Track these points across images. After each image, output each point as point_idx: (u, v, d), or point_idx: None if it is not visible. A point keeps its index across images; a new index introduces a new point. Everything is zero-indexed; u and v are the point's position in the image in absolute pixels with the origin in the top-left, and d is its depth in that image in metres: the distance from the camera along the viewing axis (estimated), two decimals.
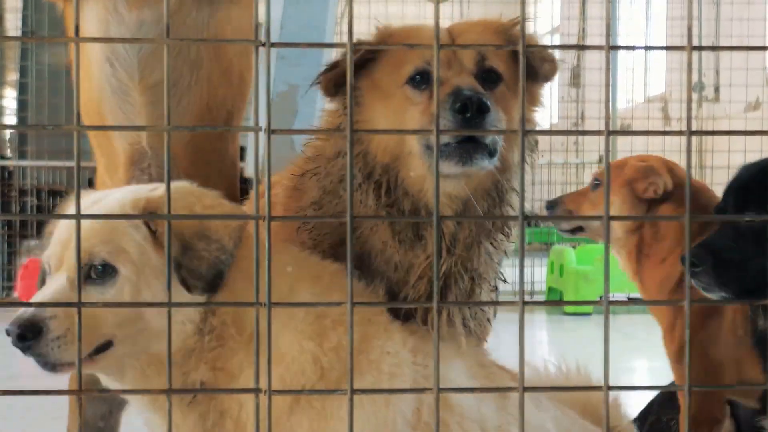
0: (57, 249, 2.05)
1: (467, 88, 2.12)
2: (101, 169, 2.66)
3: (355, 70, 2.28)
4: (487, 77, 2.27)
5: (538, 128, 2.54)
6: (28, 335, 1.88)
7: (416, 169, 2.24)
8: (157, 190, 2.11)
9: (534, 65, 2.34)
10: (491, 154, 2.17)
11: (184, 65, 2.48)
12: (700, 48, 1.61)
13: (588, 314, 8.98)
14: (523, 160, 1.62)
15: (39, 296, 2.00)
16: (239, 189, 2.81)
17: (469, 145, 2.14)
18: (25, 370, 2.18)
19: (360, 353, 2.08)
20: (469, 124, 2.08)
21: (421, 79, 2.25)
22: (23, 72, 10.28)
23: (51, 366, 1.93)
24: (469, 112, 2.07)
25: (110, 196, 2.13)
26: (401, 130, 2.25)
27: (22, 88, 10.40)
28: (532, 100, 2.42)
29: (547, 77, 2.41)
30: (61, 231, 2.08)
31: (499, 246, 2.43)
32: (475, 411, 2.16)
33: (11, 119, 11.46)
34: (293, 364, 2.03)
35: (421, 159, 2.21)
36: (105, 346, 1.99)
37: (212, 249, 2.02)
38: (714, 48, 1.58)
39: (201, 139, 2.55)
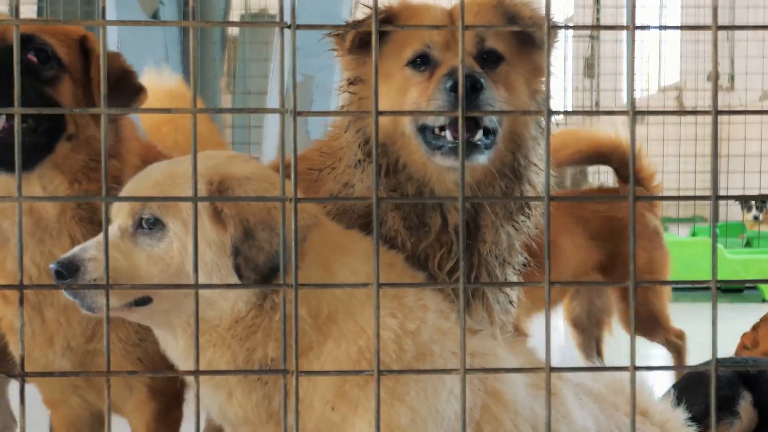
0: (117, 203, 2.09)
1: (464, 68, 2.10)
2: None
3: (362, 46, 2.30)
4: (488, 57, 2.27)
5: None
6: (64, 272, 1.92)
7: (412, 151, 2.23)
8: (235, 166, 2.09)
9: (529, 33, 2.31)
10: (486, 132, 2.16)
11: None
12: (725, 27, 1.60)
13: None
14: (548, 141, 1.60)
15: (90, 241, 2.03)
16: None
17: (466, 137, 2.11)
18: None
19: (434, 343, 2.07)
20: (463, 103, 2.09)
21: (421, 62, 2.25)
22: None
23: (89, 308, 1.96)
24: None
25: (184, 158, 2.17)
26: (410, 111, 2.22)
27: None
28: (535, 71, 2.35)
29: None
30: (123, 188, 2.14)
31: (521, 228, 2.39)
32: (528, 409, 2.16)
33: None
34: (375, 338, 2.02)
35: (415, 140, 2.21)
36: (144, 301, 2.00)
37: (274, 242, 1.98)
38: (738, 27, 1.57)
39: None
